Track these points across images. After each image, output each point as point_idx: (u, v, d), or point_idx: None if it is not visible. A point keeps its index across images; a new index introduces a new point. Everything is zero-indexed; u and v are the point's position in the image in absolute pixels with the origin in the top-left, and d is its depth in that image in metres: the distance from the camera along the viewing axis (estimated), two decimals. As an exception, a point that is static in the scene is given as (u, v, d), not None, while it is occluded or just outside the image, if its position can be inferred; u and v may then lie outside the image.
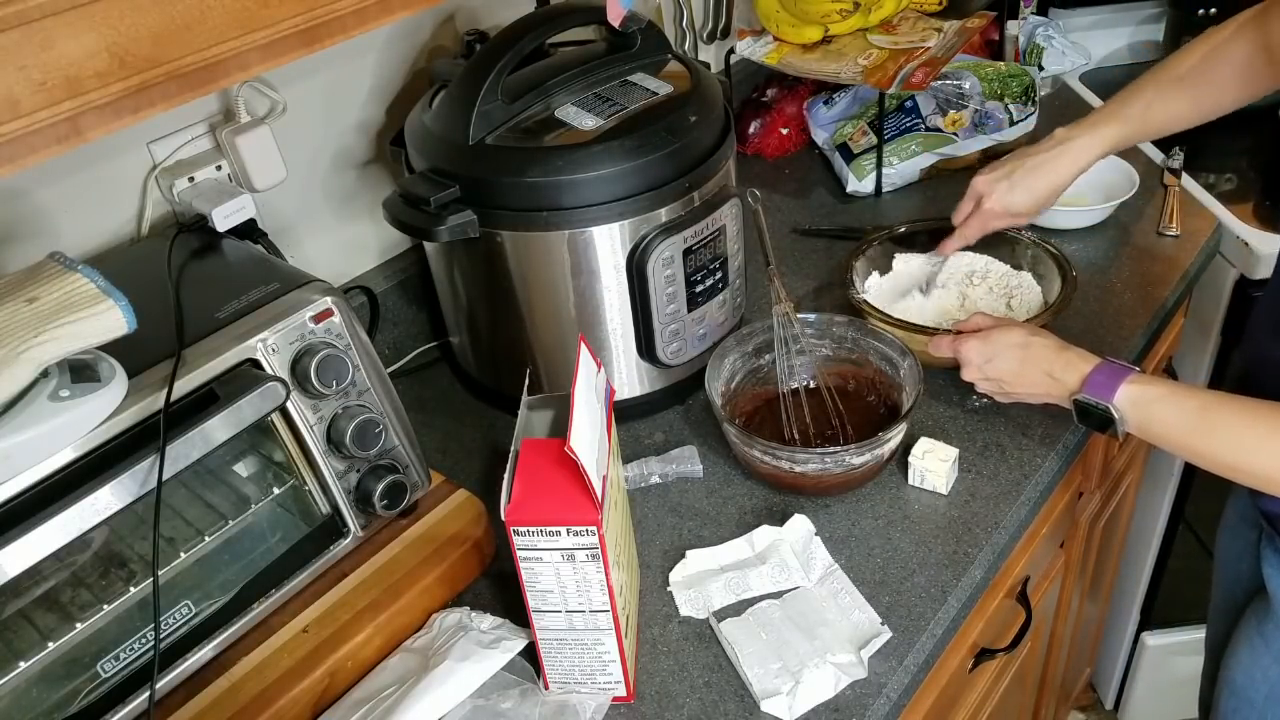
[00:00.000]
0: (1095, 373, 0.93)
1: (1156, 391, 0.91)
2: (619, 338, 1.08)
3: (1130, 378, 0.92)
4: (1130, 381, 0.91)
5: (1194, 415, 0.89)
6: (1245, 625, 1.08)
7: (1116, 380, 0.92)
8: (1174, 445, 0.92)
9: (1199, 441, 0.88)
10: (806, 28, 1.46)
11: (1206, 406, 0.88)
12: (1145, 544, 1.76)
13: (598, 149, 0.98)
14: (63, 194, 0.95)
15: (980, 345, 1.02)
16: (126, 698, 0.79)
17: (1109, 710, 2.02)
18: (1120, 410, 0.92)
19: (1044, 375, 0.98)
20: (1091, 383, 0.93)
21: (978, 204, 1.18)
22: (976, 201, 1.18)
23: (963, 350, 1.03)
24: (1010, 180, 1.15)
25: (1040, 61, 1.72)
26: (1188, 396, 0.90)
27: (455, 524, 0.96)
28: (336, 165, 1.18)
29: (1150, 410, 0.91)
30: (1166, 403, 0.90)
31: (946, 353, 1.06)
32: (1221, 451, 0.87)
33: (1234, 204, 1.44)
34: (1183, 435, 0.90)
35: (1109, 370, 0.93)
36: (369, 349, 0.87)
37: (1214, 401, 0.88)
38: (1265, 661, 1.05)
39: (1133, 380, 0.91)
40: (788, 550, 0.97)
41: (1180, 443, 0.91)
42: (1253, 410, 0.85)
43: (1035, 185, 1.14)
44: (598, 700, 0.85)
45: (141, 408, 0.73)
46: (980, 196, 1.17)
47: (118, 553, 0.81)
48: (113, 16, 0.59)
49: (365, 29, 0.73)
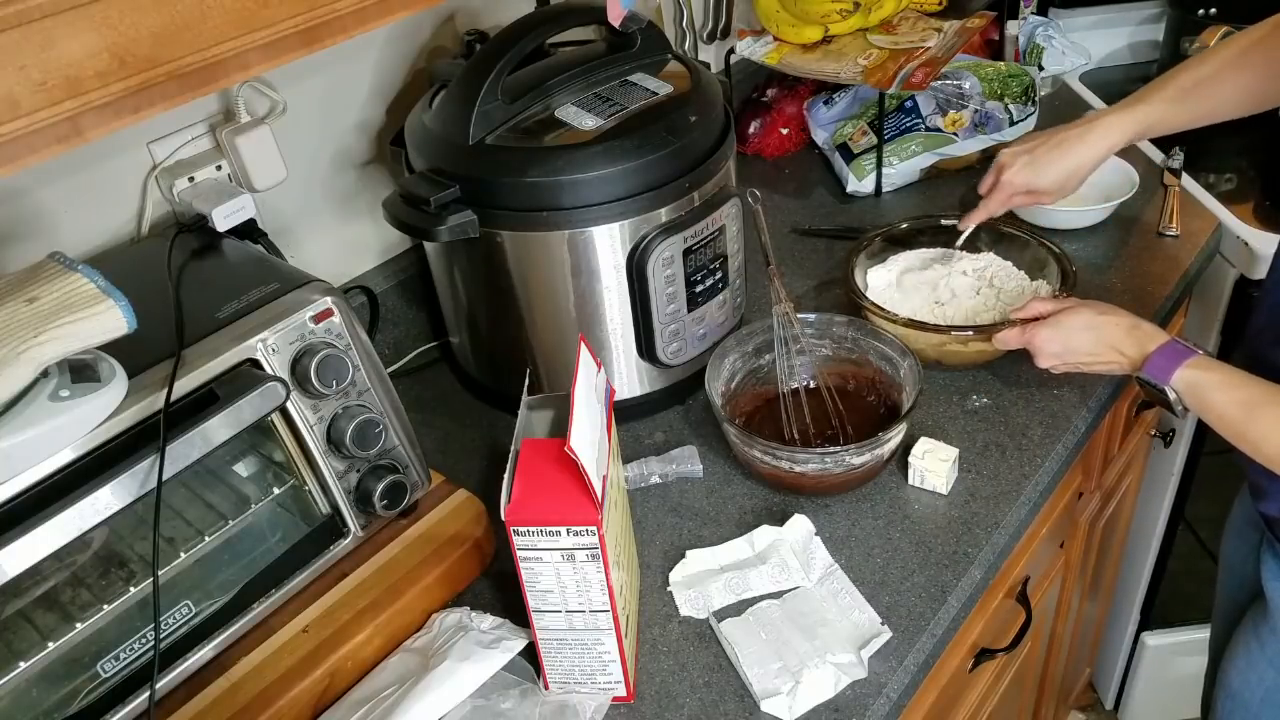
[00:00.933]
0: (1157, 354, 0.95)
1: (1212, 379, 0.92)
2: (619, 338, 1.08)
3: (1190, 361, 0.93)
4: (1188, 365, 0.93)
5: (1242, 408, 0.90)
6: (1243, 630, 1.08)
7: (1175, 363, 0.93)
8: (1224, 432, 0.93)
9: (1246, 431, 0.90)
10: (806, 28, 1.46)
11: (1255, 401, 0.90)
12: (1145, 544, 1.76)
13: (598, 149, 0.98)
14: (63, 194, 0.95)
15: (1053, 333, 1.02)
16: (126, 698, 0.79)
17: (1109, 710, 2.02)
18: (1177, 392, 0.94)
19: (1117, 353, 0.99)
20: (1152, 364, 0.95)
21: (999, 175, 1.18)
22: (1000, 172, 1.18)
23: (1036, 341, 1.03)
24: (1033, 154, 1.14)
25: (1040, 61, 1.72)
26: (1240, 387, 0.92)
27: (455, 524, 0.96)
28: (336, 165, 1.18)
29: (1204, 396, 0.92)
30: (1220, 391, 0.92)
31: (1017, 344, 1.05)
32: (1265, 445, 0.89)
33: (1234, 204, 1.43)
34: (1231, 424, 0.92)
35: (1171, 352, 0.95)
36: (369, 349, 0.87)
37: (1265, 395, 0.90)
38: (1261, 666, 1.05)
39: (1191, 364, 0.93)
40: (788, 550, 0.97)
41: (1229, 431, 0.92)
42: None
43: (1059, 161, 1.13)
44: (598, 700, 0.85)
45: (141, 408, 0.73)
46: (1002, 168, 1.17)
47: (118, 553, 0.81)
48: (113, 16, 0.59)
49: (365, 29, 0.73)
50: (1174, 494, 1.66)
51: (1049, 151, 1.14)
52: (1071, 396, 1.13)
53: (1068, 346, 1.02)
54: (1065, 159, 1.13)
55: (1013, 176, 1.16)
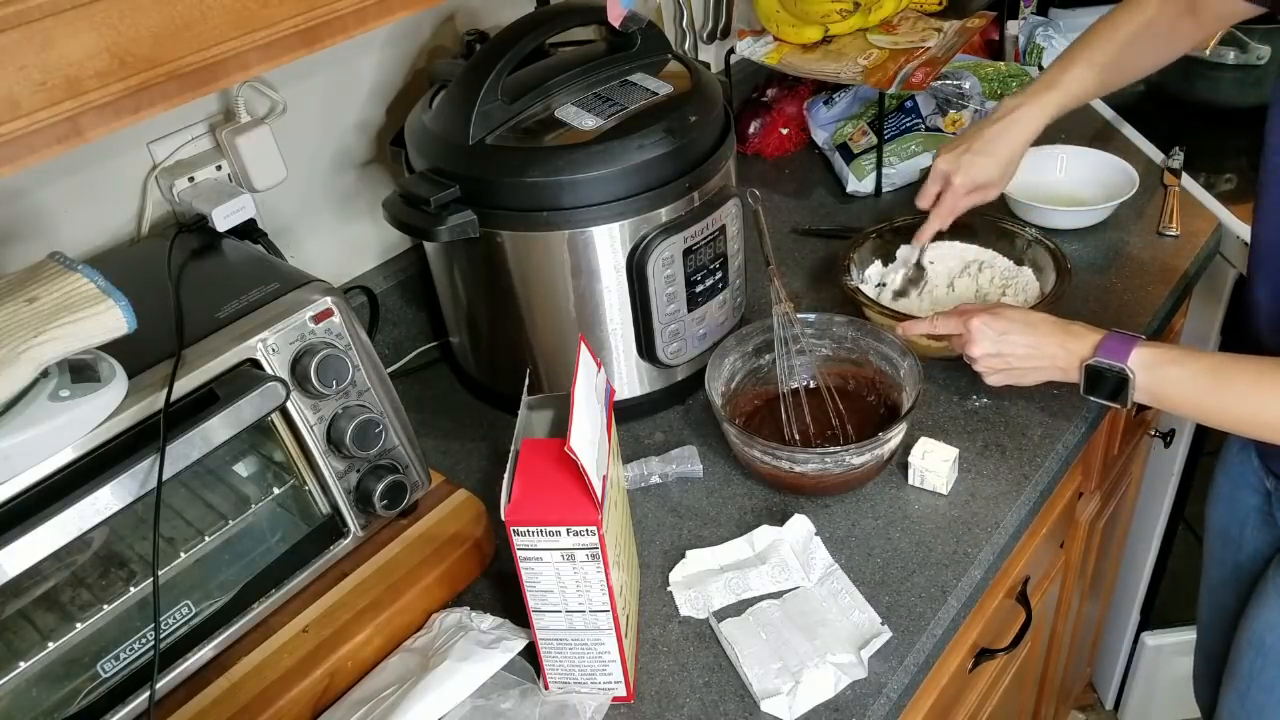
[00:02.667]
0: (1107, 339, 0.96)
1: (1168, 354, 0.93)
2: (619, 338, 1.08)
3: (1142, 341, 0.94)
4: (1142, 345, 0.94)
5: (1205, 375, 0.91)
6: (1268, 585, 1.08)
7: (1129, 345, 0.94)
8: (1185, 405, 0.94)
9: (1210, 399, 0.91)
10: (806, 28, 1.46)
11: (1217, 366, 0.91)
12: (1145, 544, 1.76)
13: (598, 149, 0.98)
14: (63, 194, 0.95)
15: (992, 319, 1.01)
16: (126, 698, 0.79)
17: (1109, 710, 2.02)
18: (1133, 373, 0.93)
19: (1057, 346, 0.99)
20: (1105, 347, 0.95)
21: (946, 184, 1.19)
22: (944, 181, 1.19)
23: (973, 325, 1.02)
24: (972, 153, 1.17)
25: (1040, 61, 1.72)
26: (1198, 358, 0.93)
27: (455, 524, 0.96)
28: (336, 165, 1.18)
29: (1163, 372, 0.93)
30: (1179, 364, 0.92)
31: (953, 329, 1.05)
32: (1232, 408, 0.90)
33: (1234, 204, 1.43)
34: (1195, 394, 0.92)
35: (1120, 336, 0.95)
36: (369, 349, 0.87)
37: (1224, 361, 0.91)
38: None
39: (1144, 344, 0.94)
40: (788, 550, 0.97)
41: (1192, 401, 0.93)
42: (1260, 366, 0.88)
43: (996, 154, 1.17)
44: (598, 700, 0.85)
45: (141, 408, 0.73)
46: (946, 175, 1.18)
47: (118, 553, 0.81)
48: (113, 16, 0.59)
49: (365, 29, 0.73)
50: (1174, 494, 1.66)
51: (985, 146, 1.16)
52: (1072, 396, 1.13)
53: (1006, 335, 1.01)
54: (1001, 150, 1.16)
55: (962, 180, 1.17)
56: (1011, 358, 1.01)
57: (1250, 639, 1.10)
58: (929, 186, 1.21)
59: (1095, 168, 1.43)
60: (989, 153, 1.16)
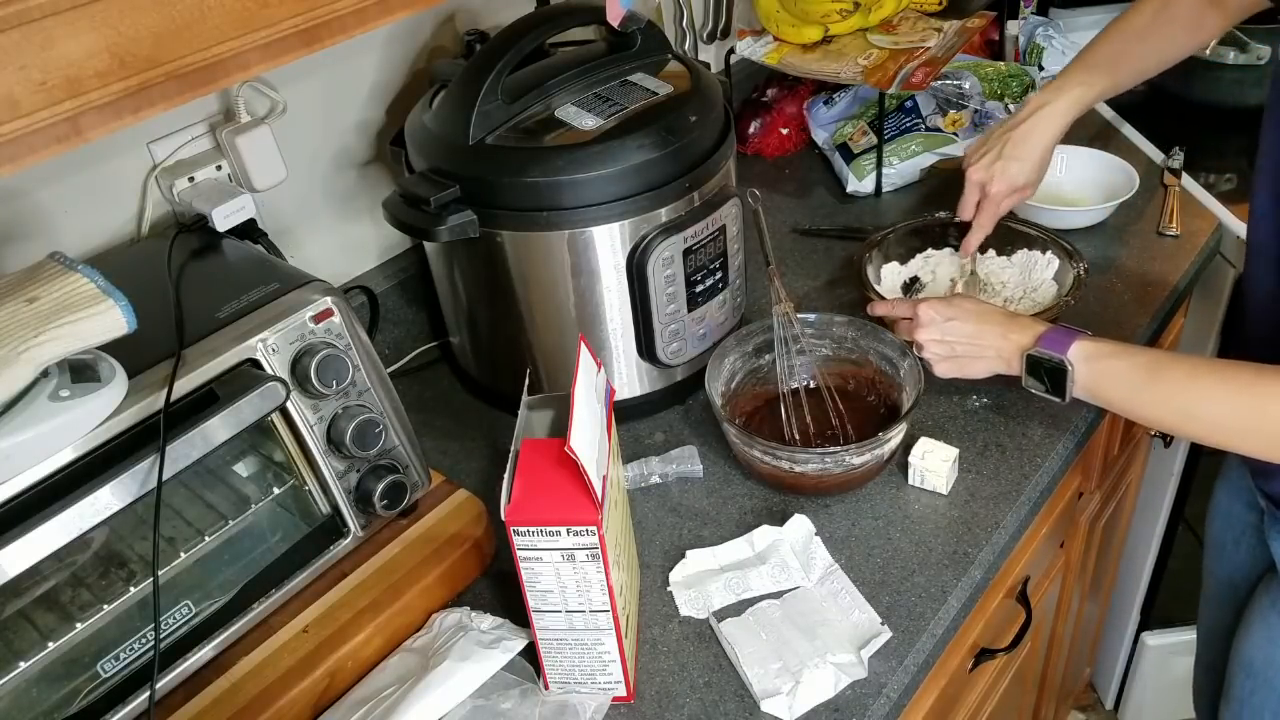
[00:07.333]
0: (1051, 331, 0.97)
1: (1108, 349, 0.94)
2: (619, 338, 1.08)
3: (1083, 335, 0.95)
4: (1084, 339, 0.95)
5: (1142, 371, 0.91)
6: (1257, 606, 1.08)
7: (1070, 337, 0.95)
8: (1121, 401, 0.94)
9: (1144, 395, 0.91)
10: (806, 28, 1.46)
11: (1153, 362, 0.91)
12: (1145, 544, 1.76)
13: (598, 149, 0.98)
14: (63, 194, 0.95)
15: (941, 305, 1.04)
16: (126, 698, 0.79)
17: (1109, 710, 2.02)
18: (1072, 364, 0.94)
19: (1000, 336, 1.01)
20: (1046, 339, 0.97)
21: (983, 193, 1.19)
22: (980, 191, 1.20)
23: (921, 310, 1.05)
24: (1004, 160, 1.17)
25: (1040, 61, 1.72)
26: (1137, 354, 0.93)
27: (455, 524, 0.96)
28: (336, 165, 1.18)
29: (1102, 365, 0.93)
30: (1117, 359, 0.93)
31: (905, 312, 1.08)
32: (1165, 405, 0.90)
33: (1234, 204, 1.43)
34: (1131, 390, 0.92)
35: (1064, 330, 0.97)
36: (369, 349, 0.87)
37: (1162, 359, 0.91)
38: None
39: (1086, 338, 0.95)
40: (788, 550, 0.97)
41: (1128, 397, 0.93)
42: (1194, 364, 0.89)
43: (1028, 156, 1.17)
44: (598, 700, 0.85)
45: (141, 408, 0.73)
46: (982, 184, 1.19)
47: (118, 553, 0.81)
48: (113, 16, 0.59)
49: (365, 29, 0.73)
50: (1174, 494, 1.66)
51: (1015, 148, 1.17)
52: (1071, 396, 1.13)
53: (952, 321, 1.03)
54: (1033, 149, 1.17)
55: (1000, 187, 1.18)
56: (956, 344, 1.03)
57: (1241, 661, 1.10)
58: (967, 197, 1.21)
59: (1095, 168, 1.43)
60: (1019, 156, 1.17)
